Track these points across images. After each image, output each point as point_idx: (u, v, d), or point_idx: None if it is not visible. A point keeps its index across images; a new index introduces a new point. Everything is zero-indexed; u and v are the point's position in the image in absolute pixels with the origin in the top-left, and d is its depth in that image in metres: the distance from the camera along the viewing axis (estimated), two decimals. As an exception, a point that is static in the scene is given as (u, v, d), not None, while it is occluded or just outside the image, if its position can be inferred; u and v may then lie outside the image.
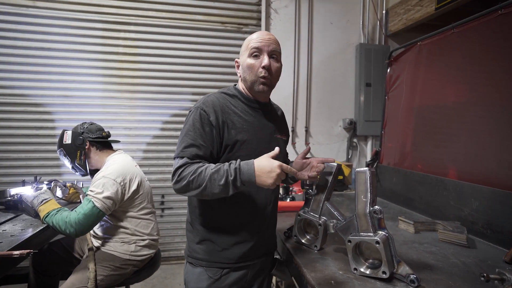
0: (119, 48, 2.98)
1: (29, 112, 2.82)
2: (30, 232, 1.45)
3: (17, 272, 2.11)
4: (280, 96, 3.18)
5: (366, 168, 1.09)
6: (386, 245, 1.01)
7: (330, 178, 1.27)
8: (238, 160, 1.02)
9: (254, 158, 1.04)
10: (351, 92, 3.43)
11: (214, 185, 0.99)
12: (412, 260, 1.21)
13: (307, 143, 3.31)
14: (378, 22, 3.44)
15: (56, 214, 1.54)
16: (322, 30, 3.33)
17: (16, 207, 1.78)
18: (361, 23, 3.40)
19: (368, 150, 3.46)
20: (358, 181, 1.09)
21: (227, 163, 1.01)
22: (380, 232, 1.04)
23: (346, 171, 2.61)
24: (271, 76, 1.15)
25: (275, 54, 1.16)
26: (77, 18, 2.86)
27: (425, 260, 1.21)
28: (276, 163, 0.97)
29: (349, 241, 1.08)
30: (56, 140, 1.85)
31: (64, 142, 1.78)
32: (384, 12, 3.44)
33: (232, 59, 3.17)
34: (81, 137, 1.78)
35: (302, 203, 1.85)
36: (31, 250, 1.12)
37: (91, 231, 1.76)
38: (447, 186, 1.67)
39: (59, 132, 1.86)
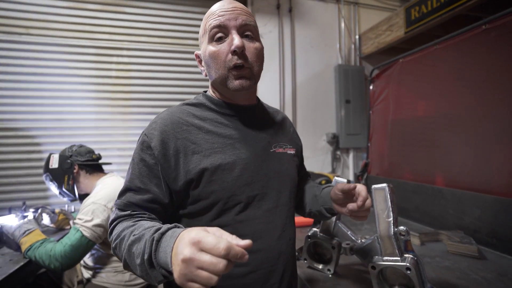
0: (111, 71, 2.71)
1: (20, 136, 2.47)
2: (9, 270, 1.14)
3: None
4: (268, 114, 2.97)
5: (385, 185, 0.87)
6: (417, 271, 0.79)
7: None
8: (172, 227, 0.54)
9: (237, 193, 0.67)
10: (333, 109, 3.29)
11: (133, 263, 0.55)
12: (432, 279, 1.00)
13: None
14: (353, 45, 3.36)
15: (39, 247, 1.23)
16: (303, 53, 3.21)
17: (-2, 239, 1.44)
18: (338, 47, 3.32)
19: (351, 161, 3.30)
20: (377, 199, 0.88)
21: (154, 229, 0.54)
22: (408, 256, 0.82)
23: (336, 182, 2.42)
24: (249, 63, 0.68)
25: (249, 29, 0.69)
26: (70, 44, 2.59)
27: (446, 278, 1.00)
28: (219, 241, 0.42)
29: (373, 267, 0.85)
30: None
31: (50, 167, 1.48)
32: (357, 37, 3.38)
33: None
34: (69, 161, 1.48)
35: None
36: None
37: (81, 261, 1.45)
38: (444, 195, 1.49)
39: (51, 155, 1.56)
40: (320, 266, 1.08)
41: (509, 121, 1.26)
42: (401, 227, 0.83)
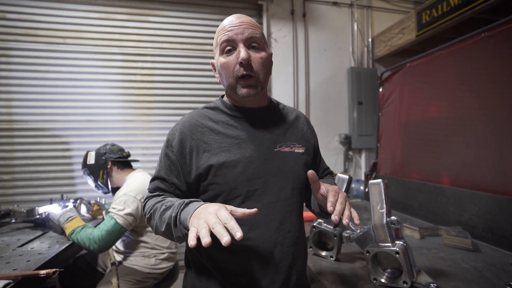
0: (137, 76, 2.94)
1: (57, 135, 2.75)
2: (56, 250, 1.33)
3: (45, 285, 1.97)
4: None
5: (380, 180, 0.99)
6: (406, 255, 0.91)
7: (343, 189, 1.17)
8: (199, 200, 0.71)
9: (239, 187, 0.76)
10: (345, 110, 3.37)
11: (162, 225, 0.71)
12: (425, 267, 1.10)
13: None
14: (366, 48, 3.43)
15: (80, 231, 1.43)
16: (317, 56, 3.31)
17: (44, 224, 1.67)
18: (351, 50, 3.39)
19: (363, 161, 3.37)
20: (373, 192, 1.00)
21: (183, 200, 0.71)
22: (398, 242, 0.93)
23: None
24: (255, 72, 0.76)
25: (255, 41, 0.76)
26: (100, 51, 2.84)
27: (438, 267, 1.10)
28: (215, 206, 0.62)
29: (368, 252, 0.97)
30: (81, 160, 1.76)
31: (88, 163, 1.70)
32: (370, 40, 3.43)
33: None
34: (103, 158, 1.69)
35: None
36: (57, 269, 1.01)
37: (114, 246, 1.64)
38: (445, 193, 1.57)
39: (84, 153, 1.77)
40: (324, 253, 1.20)
41: (505, 123, 1.33)
42: (393, 217, 0.94)
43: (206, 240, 0.53)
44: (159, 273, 1.60)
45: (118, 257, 1.62)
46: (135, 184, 1.58)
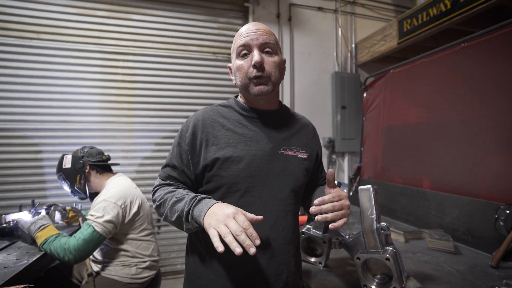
0: (117, 76, 2.82)
1: (28, 136, 2.57)
2: (25, 263, 1.22)
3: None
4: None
5: (369, 186, 0.99)
6: (396, 261, 0.91)
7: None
8: (209, 197, 0.78)
9: (240, 181, 0.81)
10: (329, 114, 3.42)
11: (172, 216, 0.78)
12: (411, 271, 1.11)
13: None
14: (349, 54, 3.50)
15: (54, 240, 1.33)
16: (302, 60, 3.34)
17: (12, 234, 1.54)
18: (335, 55, 3.45)
19: (346, 165, 3.42)
20: (362, 198, 0.99)
21: (194, 195, 0.78)
22: (388, 248, 0.93)
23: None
24: (267, 73, 0.81)
25: (268, 47, 0.82)
26: (78, 49, 2.70)
27: (423, 270, 1.12)
28: (232, 209, 0.68)
29: (358, 258, 0.96)
30: (56, 163, 1.65)
31: (63, 166, 1.59)
32: (353, 45, 3.51)
33: (222, 86, 3.10)
34: (81, 161, 1.59)
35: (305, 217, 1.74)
36: (26, 285, 0.92)
37: (90, 256, 1.55)
38: (427, 197, 1.62)
39: (59, 155, 1.65)
40: (313, 260, 1.19)
41: (483, 130, 1.39)
42: (383, 223, 0.94)
43: (237, 250, 0.61)
44: (140, 282, 1.52)
45: (96, 267, 1.53)
46: (115, 189, 1.50)
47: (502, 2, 1.96)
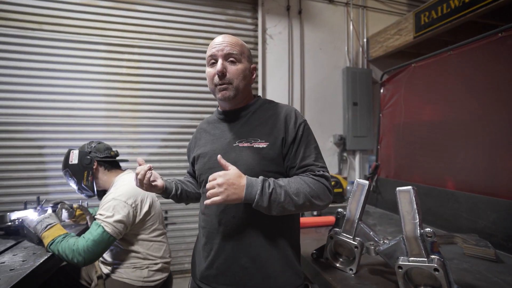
0: (122, 69, 2.72)
1: (31, 131, 2.48)
2: (32, 265, 1.13)
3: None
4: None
5: (410, 187, 0.90)
6: (445, 271, 0.82)
7: (363, 197, 1.07)
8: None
9: (204, 173, 0.98)
10: (340, 111, 3.32)
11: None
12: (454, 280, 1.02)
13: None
14: (361, 48, 3.39)
15: (62, 241, 1.25)
16: (312, 54, 3.23)
17: (18, 232, 1.44)
18: (346, 49, 3.34)
19: (357, 163, 3.33)
20: (402, 201, 0.90)
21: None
22: (434, 257, 0.84)
23: (344, 183, 2.44)
24: (228, 79, 0.92)
25: (232, 56, 0.93)
26: (81, 40, 2.59)
27: (466, 280, 1.02)
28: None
29: (400, 267, 0.87)
30: (60, 159, 1.55)
31: (70, 162, 1.49)
32: (365, 40, 3.40)
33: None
34: (88, 157, 1.50)
35: (327, 218, 1.65)
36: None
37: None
38: (457, 198, 1.52)
39: (62, 151, 1.56)
40: (340, 265, 1.10)
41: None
42: (427, 229, 0.85)
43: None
44: (152, 286, 1.43)
45: (105, 269, 1.44)
46: (125, 187, 1.41)
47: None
